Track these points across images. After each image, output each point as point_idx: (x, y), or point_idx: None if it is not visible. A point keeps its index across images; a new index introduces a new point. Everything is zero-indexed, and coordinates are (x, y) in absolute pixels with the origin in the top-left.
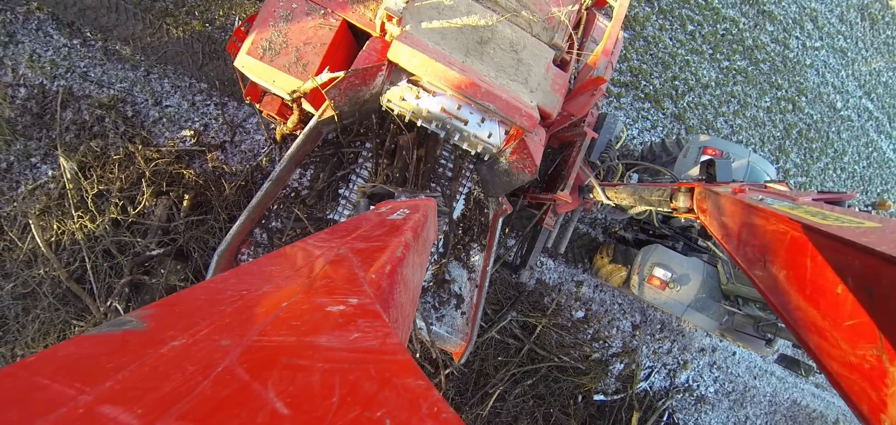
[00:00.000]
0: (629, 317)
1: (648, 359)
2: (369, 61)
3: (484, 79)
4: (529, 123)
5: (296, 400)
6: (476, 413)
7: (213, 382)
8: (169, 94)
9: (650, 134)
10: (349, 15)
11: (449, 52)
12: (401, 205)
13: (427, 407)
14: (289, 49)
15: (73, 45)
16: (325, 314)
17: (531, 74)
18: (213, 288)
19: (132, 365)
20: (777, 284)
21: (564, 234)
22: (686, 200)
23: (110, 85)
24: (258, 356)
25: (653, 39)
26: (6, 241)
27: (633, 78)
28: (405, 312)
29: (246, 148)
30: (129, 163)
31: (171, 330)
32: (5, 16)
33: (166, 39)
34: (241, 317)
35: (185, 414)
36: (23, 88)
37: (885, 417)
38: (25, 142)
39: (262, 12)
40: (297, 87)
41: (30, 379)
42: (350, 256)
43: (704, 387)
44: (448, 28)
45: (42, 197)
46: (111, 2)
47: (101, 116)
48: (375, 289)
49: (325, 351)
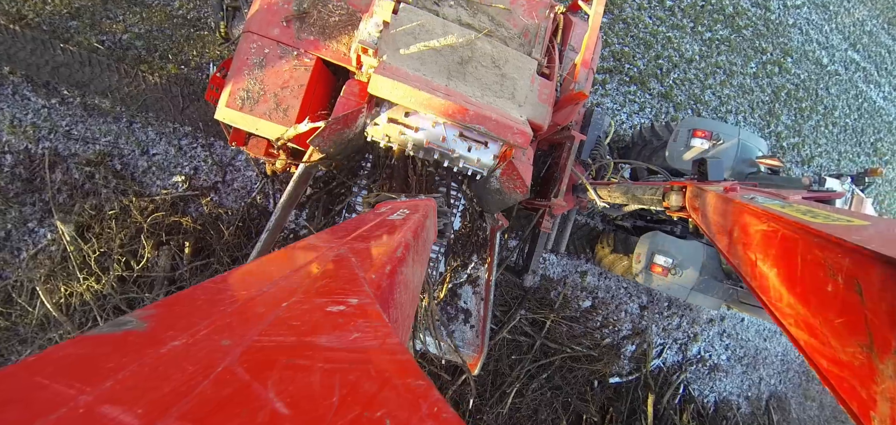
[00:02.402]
0: (636, 300)
1: (659, 337)
2: (349, 106)
3: (471, 101)
4: (523, 140)
5: (296, 400)
6: (497, 412)
7: (213, 382)
8: (154, 141)
9: (639, 116)
10: (322, 52)
11: (431, 77)
12: (401, 205)
13: (427, 407)
14: (267, 95)
15: (52, 105)
16: (325, 314)
17: (517, 88)
18: (213, 288)
19: (132, 365)
20: (768, 282)
21: (563, 233)
22: (678, 199)
23: (95, 140)
24: (258, 356)
25: (632, 20)
26: (18, 309)
27: (616, 62)
28: (405, 312)
29: (238, 186)
30: (126, 216)
31: (171, 331)
32: None
33: (144, 86)
34: (241, 317)
35: (185, 414)
36: (8, 155)
37: (874, 414)
38: (20, 208)
39: (235, 61)
40: (280, 134)
41: (30, 379)
42: (350, 256)
43: (717, 356)
44: (426, 52)
45: (45, 261)
46: (83, 56)
47: (90, 173)
48: (375, 289)
49: (325, 351)
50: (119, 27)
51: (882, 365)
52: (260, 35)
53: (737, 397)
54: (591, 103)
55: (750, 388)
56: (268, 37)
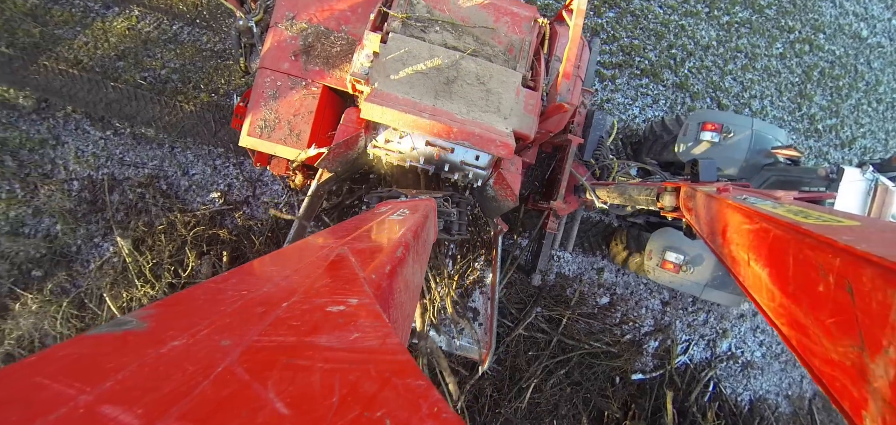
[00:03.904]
0: (658, 296)
1: (684, 333)
2: (348, 133)
3: (455, 118)
4: (506, 151)
5: (296, 400)
6: (515, 406)
7: (214, 382)
8: (193, 163)
9: (653, 110)
10: (327, 81)
11: (419, 99)
12: (401, 205)
13: (427, 407)
14: (281, 123)
15: (107, 136)
16: (325, 314)
17: (502, 102)
18: (214, 288)
19: (132, 365)
20: (760, 283)
21: (570, 233)
22: (671, 199)
23: (144, 165)
24: (258, 356)
25: (641, 12)
26: (90, 313)
27: (626, 57)
28: (405, 312)
29: (267, 199)
30: (173, 230)
31: (172, 331)
32: (50, 122)
33: (181, 115)
34: (241, 317)
35: (185, 414)
36: (75, 181)
37: (866, 413)
38: (87, 226)
39: (253, 95)
40: (294, 157)
41: (30, 379)
42: (350, 256)
43: (750, 353)
44: (414, 75)
45: (109, 271)
46: (130, 92)
47: (141, 194)
48: (375, 289)
49: (325, 351)
50: (158, 64)
51: (873, 364)
52: (272, 70)
53: (775, 396)
54: (594, 104)
55: (790, 387)
56: (279, 71)
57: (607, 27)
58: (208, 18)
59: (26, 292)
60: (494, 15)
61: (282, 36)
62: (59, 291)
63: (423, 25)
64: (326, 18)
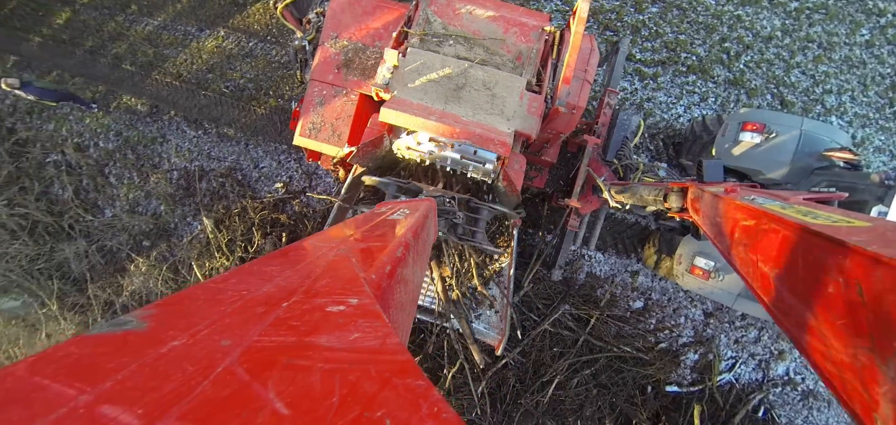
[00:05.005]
0: (700, 305)
1: (730, 350)
2: (372, 134)
3: (460, 120)
4: (503, 150)
5: (296, 400)
6: (537, 400)
7: (214, 382)
8: (262, 158)
9: (700, 108)
10: (363, 89)
11: (430, 104)
12: (401, 205)
13: (427, 407)
14: (326, 125)
15: (199, 135)
16: (325, 314)
17: (506, 105)
18: (213, 288)
19: (132, 365)
20: (769, 284)
21: (593, 231)
22: (678, 200)
23: (225, 159)
24: (258, 356)
25: (689, 5)
26: (181, 278)
27: (670, 53)
28: (405, 312)
29: (321, 190)
30: (245, 213)
31: (172, 331)
32: (159, 123)
33: (254, 117)
34: (241, 317)
35: (185, 414)
36: (175, 171)
37: (877, 415)
38: (182, 208)
39: (304, 101)
40: (335, 155)
41: (30, 379)
42: (350, 256)
43: (812, 381)
44: (428, 83)
45: (196, 245)
46: (216, 98)
47: (222, 183)
48: (375, 289)
49: (325, 351)
50: (237, 74)
51: (884, 366)
52: (320, 81)
53: None
54: (621, 104)
55: None
56: (325, 81)
57: (650, 23)
58: (277, 35)
59: (138, 257)
60: (504, 26)
61: (328, 52)
62: (161, 258)
63: (438, 40)
64: (363, 36)
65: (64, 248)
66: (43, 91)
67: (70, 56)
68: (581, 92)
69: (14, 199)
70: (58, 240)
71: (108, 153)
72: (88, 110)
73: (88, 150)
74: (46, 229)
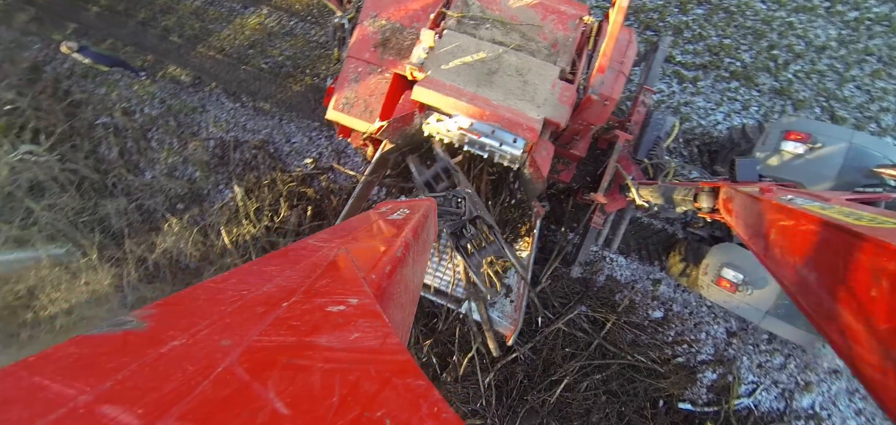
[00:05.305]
0: (723, 323)
1: (752, 373)
2: (403, 110)
3: (491, 103)
4: (531, 135)
5: (296, 400)
6: (543, 398)
7: (214, 382)
8: (294, 133)
9: (741, 116)
10: (397, 69)
11: (462, 86)
12: (401, 205)
13: (427, 407)
14: (359, 102)
15: (236, 107)
16: (325, 314)
17: (537, 92)
18: (214, 288)
19: (132, 365)
20: (807, 287)
21: (617, 232)
22: (709, 200)
23: (259, 132)
24: (258, 356)
25: (738, 8)
26: (209, 241)
27: (712, 57)
28: (405, 312)
29: (348, 168)
30: (274, 185)
31: (172, 331)
32: (200, 94)
33: (290, 94)
34: (241, 317)
35: (185, 414)
36: (212, 141)
37: None
38: (215, 176)
39: (340, 77)
40: (365, 130)
41: (30, 379)
42: (350, 256)
43: (840, 419)
44: (461, 66)
45: (226, 211)
46: (255, 74)
47: (255, 154)
48: (375, 289)
49: (325, 351)
50: (276, 52)
51: None
52: (356, 58)
53: None
54: (654, 103)
55: None
56: (361, 59)
57: (693, 25)
58: (317, 15)
59: (172, 218)
60: (542, 13)
61: (366, 31)
62: (193, 222)
63: (475, 23)
64: (401, 16)
65: (106, 204)
66: (98, 56)
67: (123, 26)
68: (615, 83)
69: (66, 155)
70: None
71: (151, 119)
72: (137, 78)
73: (134, 115)
74: (92, 185)
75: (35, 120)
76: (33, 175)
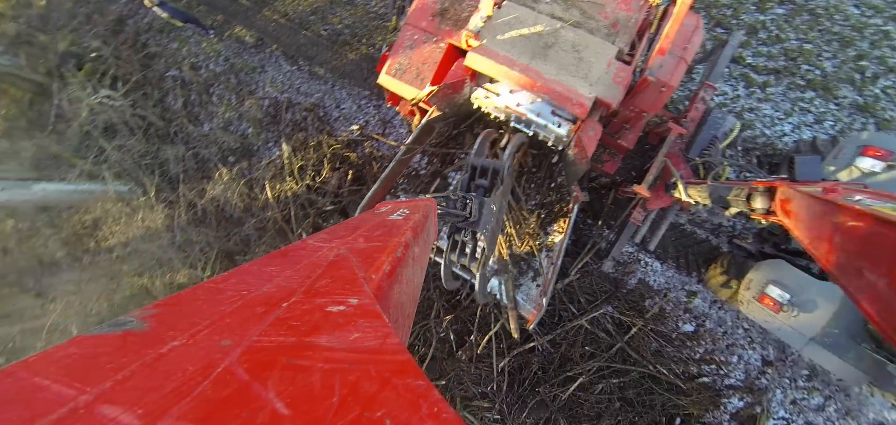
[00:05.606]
0: (759, 349)
1: (783, 409)
2: (455, 77)
3: (542, 76)
4: (580, 111)
5: (296, 400)
6: (555, 393)
7: (214, 382)
8: (345, 99)
9: (812, 130)
10: (452, 39)
11: (516, 57)
12: (401, 205)
13: (427, 407)
14: (411, 68)
15: (293, 70)
16: (325, 314)
17: (592, 70)
18: (214, 288)
19: (132, 365)
20: (877, 293)
21: (655, 233)
22: (764, 201)
23: (311, 95)
24: (258, 356)
25: (825, 11)
26: (253, 195)
27: (788, 62)
28: (405, 312)
29: (393, 138)
30: (319, 147)
31: (171, 331)
32: (261, 55)
33: (345, 61)
34: (241, 317)
35: (185, 414)
36: (266, 100)
37: None
38: (266, 133)
39: (396, 44)
40: (414, 96)
41: (30, 380)
42: (350, 256)
43: None
44: (517, 37)
45: (272, 168)
46: (314, 39)
47: (305, 116)
48: (375, 289)
49: (325, 351)
50: (336, 20)
51: None
52: (414, 26)
53: None
54: (714, 102)
55: None
56: (418, 27)
57: (770, 25)
58: None
59: (223, 168)
60: None
61: (425, 0)
62: (241, 174)
63: None
64: None
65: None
66: (174, 11)
67: None
68: (675, 70)
69: (137, 102)
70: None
71: (215, 75)
72: (206, 35)
73: (200, 70)
74: (157, 131)
75: (115, 67)
76: (108, 117)
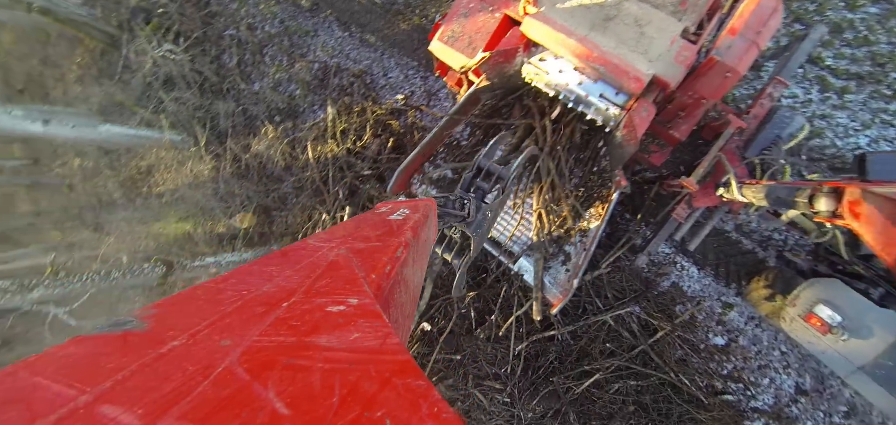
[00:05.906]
0: (795, 375)
1: None
2: (509, 45)
3: (599, 47)
4: (635, 85)
5: (296, 400)
6: (568, 385)
7: (214, 382)
8: (392, 69)
9: (891, 145)
10: (508, 10)
11: (574, 27)
12: (401, 205)
13: (427, 407)
14: (464, 36)
15: (344, 36)
16: (325, 314)
17: (653, 46)
18: (214, 288)
19: (132, 365)
20: None
21: (697, 234)
22: (829, 203)
23: (360, 62)
24: (258, 356)
25: None
26: (296, 154)
27: (874, 69)
28: (405, 312)
29: (437, 110)
30: (363, 113)
31: (171, 331)
32: (315, 19)
33: (396, 31)
34: (241, 317)
35: (185, 414)
36: (316, 63)
37: None
38: (313, 96)
39: (451, 11)
40: (464, 64)
41: (30, 380)
42: (350, 256)
43: None
44: (577, 7)
45: (315, 130)
46: (368, 8)
47: (352, 82)
48: (375, 289)
49: (325, 351)
50: None
51: None
52: None
53: None
54: (780, 101)
55: None
56: None
57: (859, 25)
58: None
59: (269, 126)
60: None
61: None
62: (285, 134)
63: None
64: None
65: (218, 105)
66: None
67: None
68: (744, 54)
69: (196, 58)
70: (216, 97)
71: (269, 36)
72: None
73: (256, 31)
74: (211, 87)
75: (179, 23)
76: (169, 70)
